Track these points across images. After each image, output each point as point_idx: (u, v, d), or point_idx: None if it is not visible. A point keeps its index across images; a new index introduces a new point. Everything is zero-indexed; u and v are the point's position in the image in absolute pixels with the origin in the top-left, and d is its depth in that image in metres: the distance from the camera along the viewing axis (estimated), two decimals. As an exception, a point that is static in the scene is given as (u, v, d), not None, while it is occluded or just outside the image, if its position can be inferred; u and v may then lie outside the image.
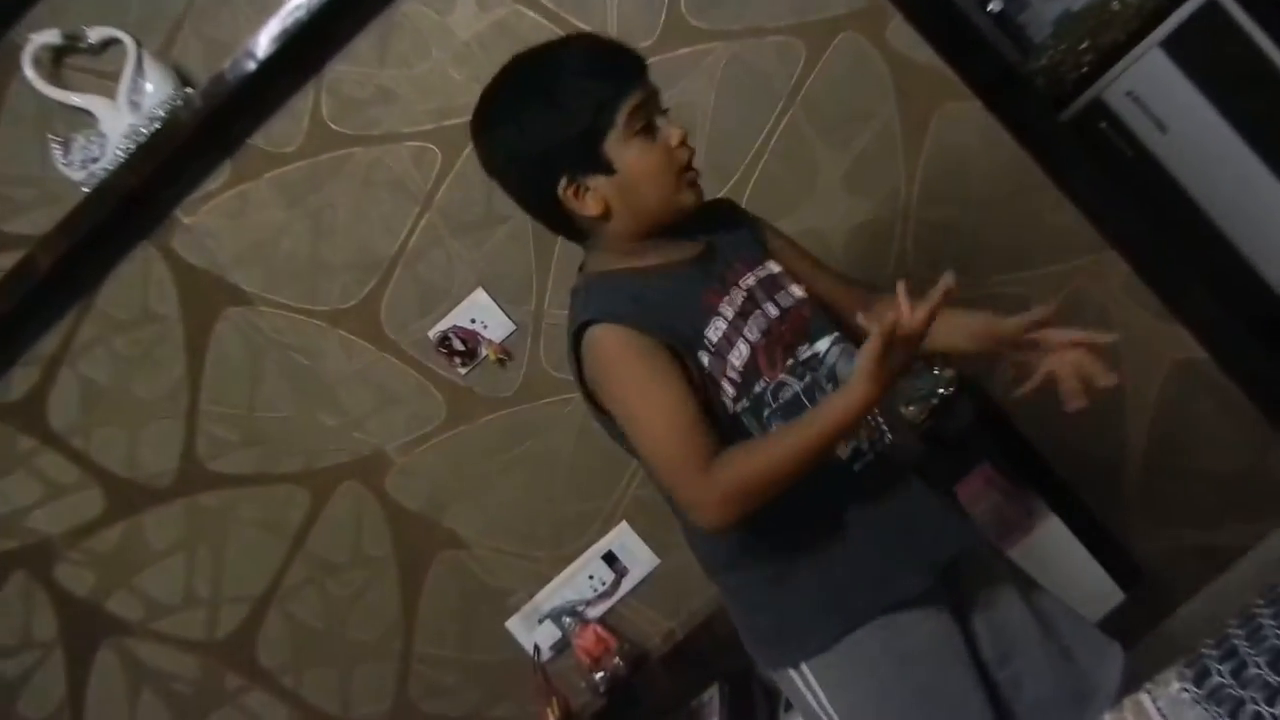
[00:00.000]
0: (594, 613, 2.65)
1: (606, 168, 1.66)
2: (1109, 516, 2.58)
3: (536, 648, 2.65)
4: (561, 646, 2.66)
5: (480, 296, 2.58)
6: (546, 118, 1.65)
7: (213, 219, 2.60)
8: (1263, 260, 2.49)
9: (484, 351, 2.59)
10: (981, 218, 2.55)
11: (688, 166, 1.70)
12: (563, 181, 1.66)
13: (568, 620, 2.64)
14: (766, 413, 1.70)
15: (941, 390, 2.48)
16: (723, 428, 1.66)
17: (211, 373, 2.65)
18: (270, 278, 2.61)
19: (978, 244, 2.55)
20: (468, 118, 2.47)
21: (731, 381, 1.68)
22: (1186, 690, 1.45)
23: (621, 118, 1.65)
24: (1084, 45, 2.46)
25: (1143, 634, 2.48)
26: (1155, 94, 2.47)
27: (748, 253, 1.80)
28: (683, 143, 1.69)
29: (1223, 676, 1.40)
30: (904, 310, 1.49)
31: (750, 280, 1.76)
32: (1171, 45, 2.44)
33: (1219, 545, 2.59)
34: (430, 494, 2.70)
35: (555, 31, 2.48)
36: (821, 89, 2.52)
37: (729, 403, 1.68)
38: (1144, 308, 2.52)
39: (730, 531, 1.64)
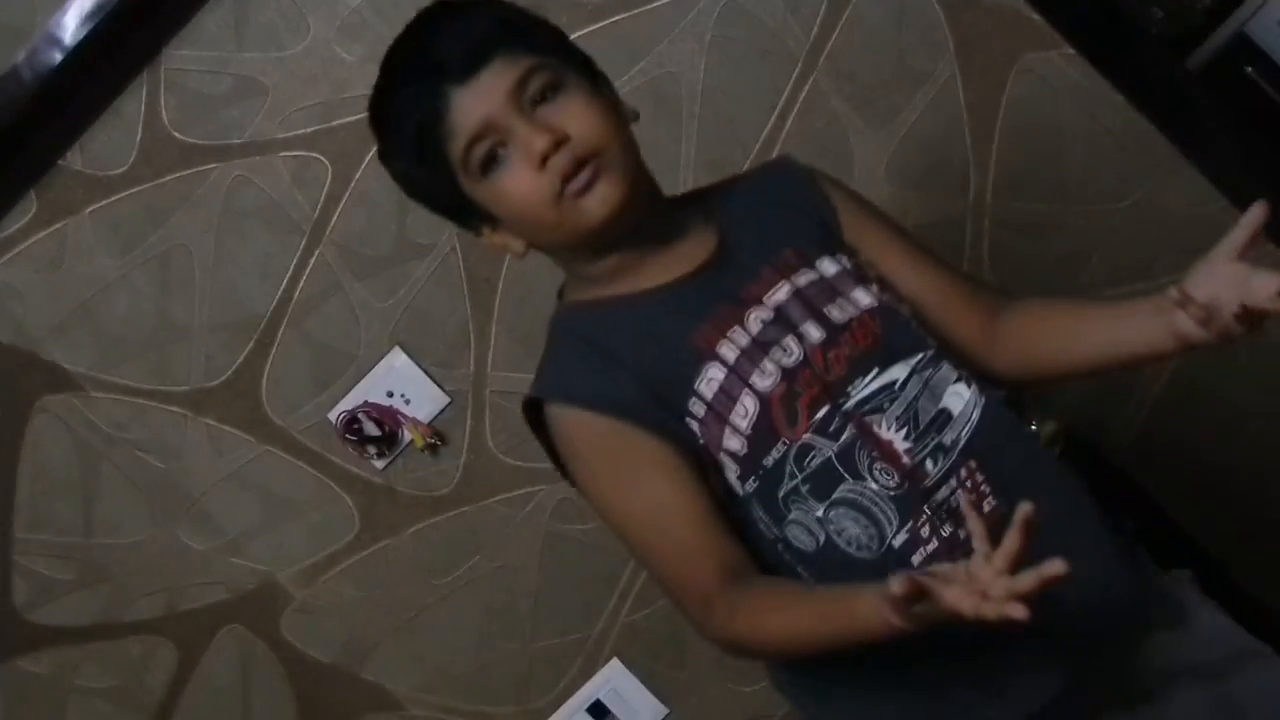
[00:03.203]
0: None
1: (487, 216, 1.40)
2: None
3: None
4: None
5: (398, 360, 2.23)
6: (399, 164, 1.42)
7: (17, 273, 2.23)
8: None
9: (407, 436, 2.24)
10: (1084, 212, 2.20)
11: (568, 178, 1.33)
12: (472, 235, 1.45)
13: None
14: (783, 491, 1.36)
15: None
16: (733, 513, 1.39)
17: (28, 487, 2.28)
18: (103, 351, 2.24)
19: (1081, 249, 2.19)
20: (364, 113, 2.08)
21: (733, 456, 1.36)
22: None
23: (455, 157, 1.34)
24: None
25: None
26: None
27: (794, 244, 1.44)
28: (548, 153, 1.32)
29: None
30: (979, 559, 1.12)
31: (783, 292, 1.40)
32: None
33: None
34: (344, 637, 2.34)
35: None
36: (852, 44, 2.15)
37: (735, 483, 1.38)
38: None
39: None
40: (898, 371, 1.39)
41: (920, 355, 1.41)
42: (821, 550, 1.34)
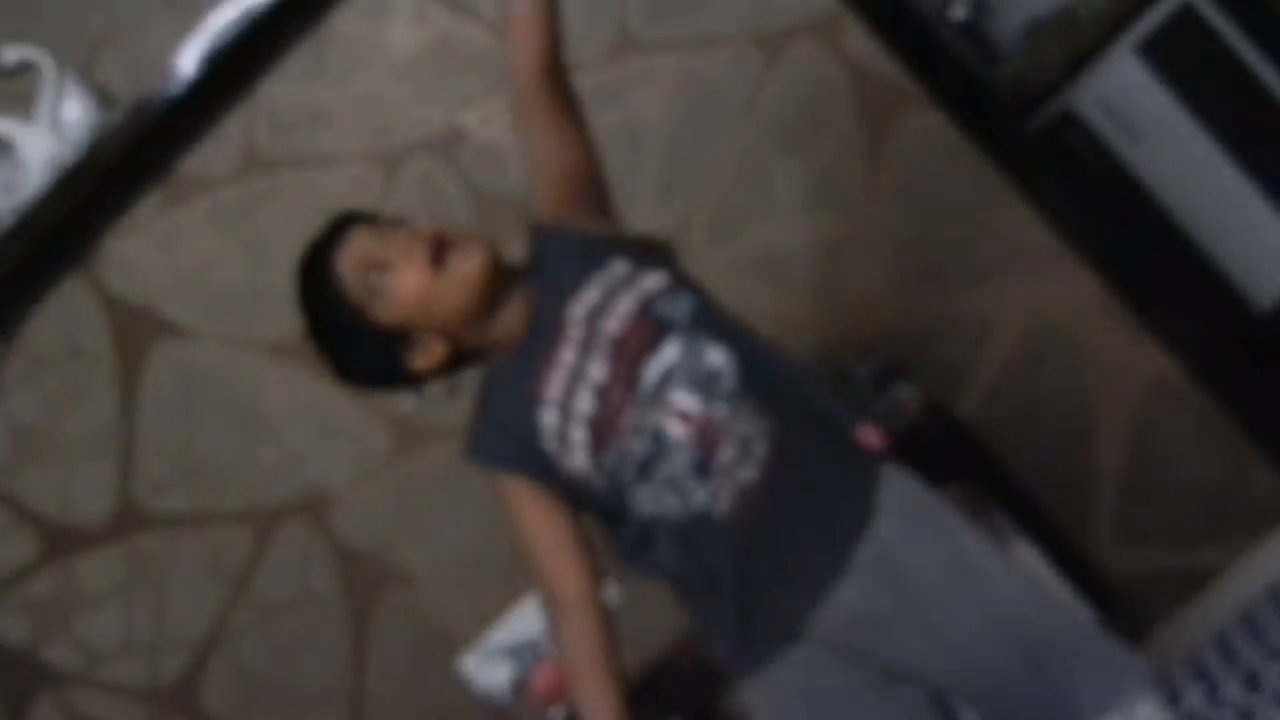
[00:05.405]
0: (551, 648, 2.37)
1: (399, 333, 1.59)
2: (1081, 537, 2.50)
3: (492, 686, 2.49)
4: (518, 684, 2.50)
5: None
6: (331, 350, 1.65)
7: (142, 250, 2.52)
8: (1241, 273, 2.35)
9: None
10: (946, 233, 2.46)
11: (437, 254, 1.56)
12: (400, 368, 1.62)
13: (524, 657, 2.48)
14: (624, 483, 1.59)
15: (907, 412, 2.34)
16: (604, 506, 1.62)
17: (146, 409, 2.57)
18: (205, 310, 2.53)
19: (942, 260, 2.47)
20: (409, 137, 2.37)
21: (584, 468, 1.58)
22: (1161, 712, 1.45)
23: (355, 287, 1.58)
24: (1052, 52, 2.30)
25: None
26: (1128, 101, 2.31)
27: (578, 258, 1.63)
28: (410, 244, 1.56)
29: (1196, 697, 1.56)
30: None
31: (578, 309, 1.60)
32: (1145, 50, 2.29)
33: (1194, 566, 2.52)
34: (378, 530, 2.61)
35: (495, 48, 2.18)
36: (778, 101, 2.45)
37: (594, 486, 1.59)
38: (1116, 325, 2.45)
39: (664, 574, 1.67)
40: (669, 353, 1.57)
41: (678, 331, 1.58)
42: (662, 517, 1.57)
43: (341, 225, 1.63)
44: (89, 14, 2.43)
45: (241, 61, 2.33)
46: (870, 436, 1.63)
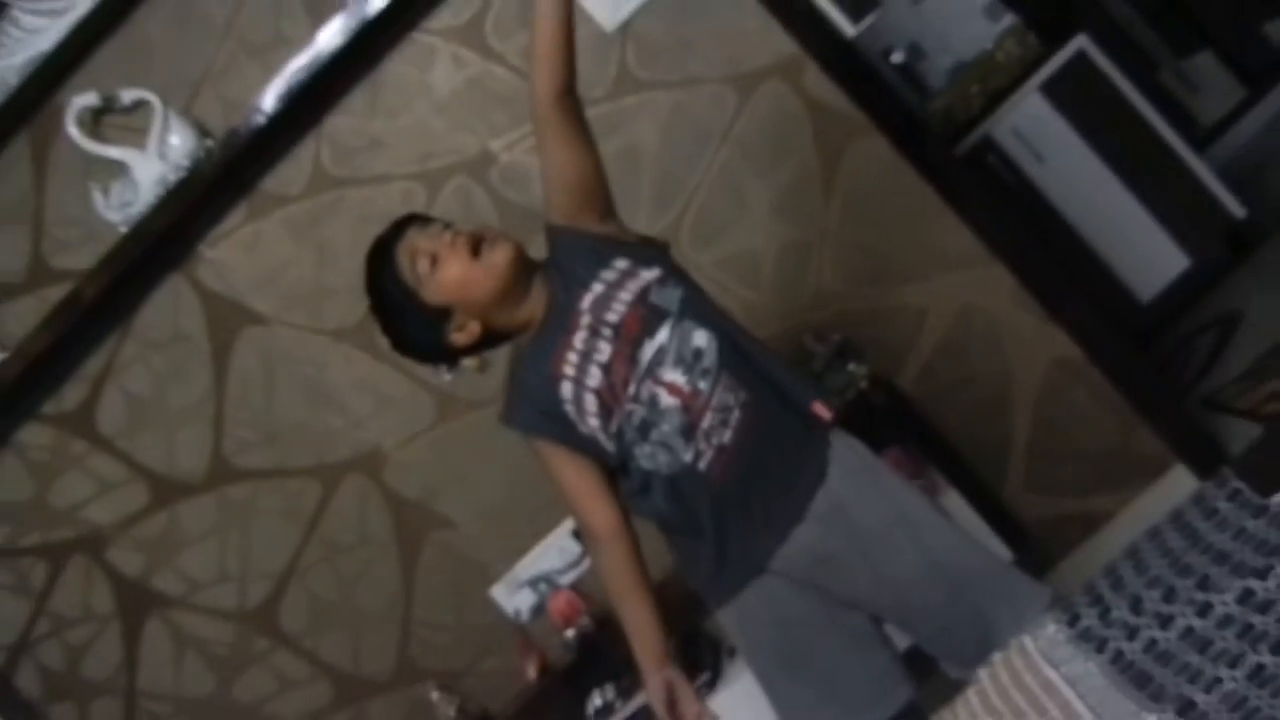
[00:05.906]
0: (566, 580, 2.82)
1: (443, 312, 1.76)
2: (998, 488, 2.75)
3: (517, 611, 2.84)
4: (538, 610, 2.83)
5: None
6: (389, 324, 1.81)
7: (231, 253, 2.79)
8: (1126, 271, 2.68)
9: (466, 361, 2.33)
10: (888, 238, 2.70)
11: (475, 248, 1.73)
12: (443, 343, 1.78)
13: (543, 587, 2.81)
14: (628, 442, 1.76)
15: (857, 385, 2.61)
16: (616, 460, 1.78)
17: (234, 383, 2.85)
18: (282, 302, 2.80)
19: (885, 260, 2.70)
20: (448, 160, 2.54)
21: (596, 430, 1.75)
22: (1061, 632, 1.57)
23: (409, 273, 1.75)
24: (974, 90, 2.68)
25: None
26: (1035, 131, 2.67)
27: (587, 256, 1.78)
28: (453, 240, 1.73)
29: (1091, 619, 1.53)
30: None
31: (586, 299, 1.76)
32: (1048, 89, 2.64)
33: (1091, 511, 2.77)
34: (423, 483, 2.89)
35: (520, 87, 2.59)
36: (750, 130, 2.67)
37: (605, 445, 1.76)
38: (1027, 313, 2.68)
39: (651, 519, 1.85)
40: (661, 335, 1.74)
41: (670, 317, 1.73)
42: (657, 471, 1.74)
43: (401, 224, 1.82)
44: (190, 62, 2.69)
45: (311, 100, 2.64)
46: (823, 410, 1.82)
